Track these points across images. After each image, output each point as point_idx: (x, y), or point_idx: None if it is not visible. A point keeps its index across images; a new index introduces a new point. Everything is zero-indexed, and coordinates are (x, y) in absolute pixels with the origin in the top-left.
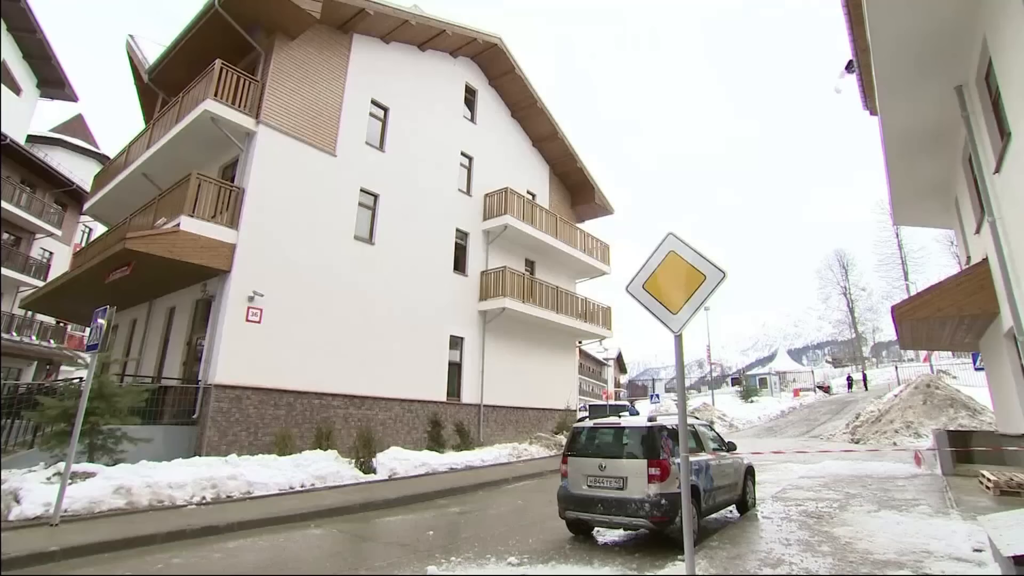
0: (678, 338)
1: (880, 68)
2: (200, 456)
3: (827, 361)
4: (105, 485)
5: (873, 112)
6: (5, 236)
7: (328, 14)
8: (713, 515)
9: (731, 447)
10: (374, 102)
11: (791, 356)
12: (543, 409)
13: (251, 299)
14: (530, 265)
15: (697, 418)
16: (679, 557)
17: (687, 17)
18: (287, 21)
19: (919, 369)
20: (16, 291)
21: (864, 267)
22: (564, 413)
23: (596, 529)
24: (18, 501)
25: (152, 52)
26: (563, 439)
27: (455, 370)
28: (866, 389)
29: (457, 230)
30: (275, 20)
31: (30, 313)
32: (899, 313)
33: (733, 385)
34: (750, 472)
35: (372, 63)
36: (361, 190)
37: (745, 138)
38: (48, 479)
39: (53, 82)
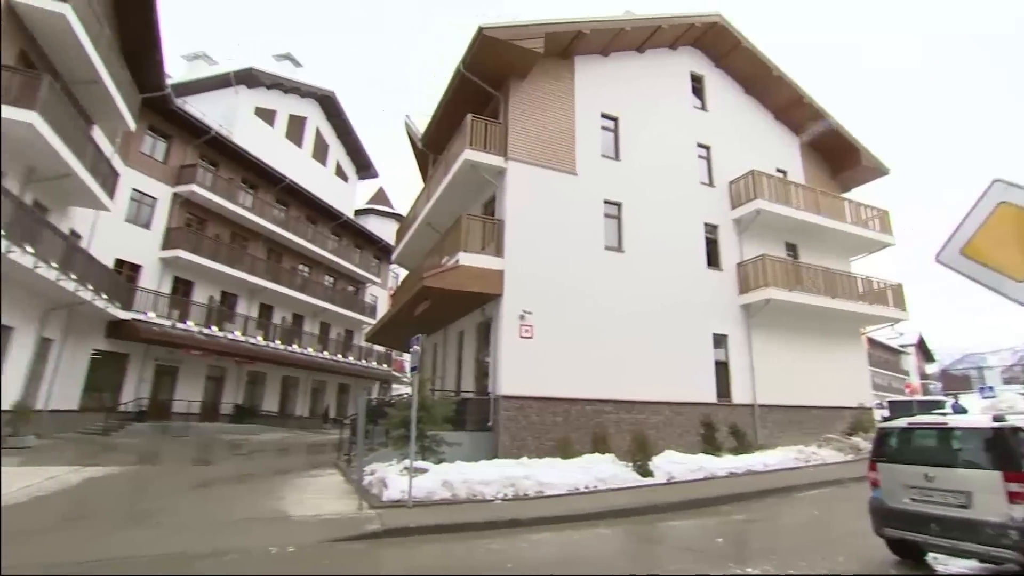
0: None
1: None
2: (497, 458)
3: None
4: (435, 480)
5: None
6: (349, 288)
7: (550, 46)
8: None
9: None
10: (603, 115)
11: None
12: (829, 408)
13: (522, 317)
14: (792, 249)
15: None
16: None
17: None
18: (517, 63)
19: None
20: (360, 329)
21: None
22: (857, 412)
23: (931, 554)
24: (386, 486)
25: (421, 123)
26: (859, 441)
27: (722, 369)
28: None
29: (705, 224)
30: (507, 65)
31: (370, 345)
32: None
33: None
34: None
35: (595, 78)
36: (604, 201)
37: None
38: (400, 472)
39: (365, 167)
